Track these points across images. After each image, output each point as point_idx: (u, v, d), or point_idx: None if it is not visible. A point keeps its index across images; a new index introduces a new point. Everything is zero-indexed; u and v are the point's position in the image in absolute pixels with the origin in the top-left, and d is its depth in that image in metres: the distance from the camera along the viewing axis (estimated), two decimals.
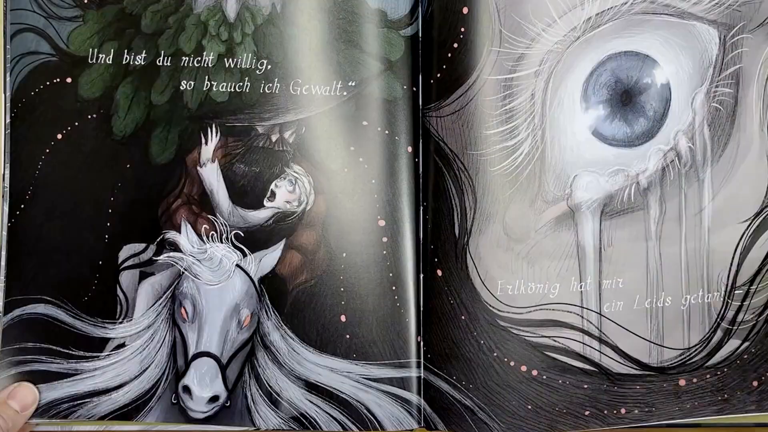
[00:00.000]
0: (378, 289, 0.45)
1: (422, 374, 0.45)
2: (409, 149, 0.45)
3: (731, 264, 0.44)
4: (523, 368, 0.44)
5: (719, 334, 0.45)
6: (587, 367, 0.44)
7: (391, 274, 0.45)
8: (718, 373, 0.45)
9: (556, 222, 0.44)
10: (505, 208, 0.44)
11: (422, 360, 0.45)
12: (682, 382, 0.44)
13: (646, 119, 0.44)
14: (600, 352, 0.44)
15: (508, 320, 0.44)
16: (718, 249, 0.44)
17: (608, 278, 0.44)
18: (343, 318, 0.45)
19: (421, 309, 0.45)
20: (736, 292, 0.45)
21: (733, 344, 0.45)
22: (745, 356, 0.45)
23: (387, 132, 0.45)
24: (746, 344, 0.45)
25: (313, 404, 0.45)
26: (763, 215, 0.44)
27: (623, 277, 0.44)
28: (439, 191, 0.44)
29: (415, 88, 0.45)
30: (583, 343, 0.44)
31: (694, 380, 0.45)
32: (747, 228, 0.44)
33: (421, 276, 0.45)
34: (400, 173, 0.45)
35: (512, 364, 0.44)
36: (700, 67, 0.44)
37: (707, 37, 0.43)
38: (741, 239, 0.44)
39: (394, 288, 0.45)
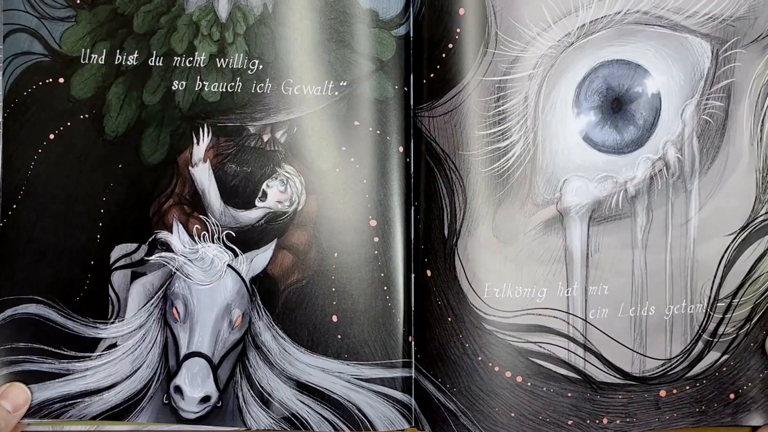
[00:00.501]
0: (369, 289, 0.45)
1: (413, 375, 0.45)
2: (401, 149, 0.45)
3: (715, 276, 0.44)
4: (508, 374, 0.44)
5: (700, 345, 0.45)
6: (571, 374, 0.44)
7: (382, 274, 0.45)
8: (697, 384, 0.45)
9: (544, 225, 0.44)
10: (495, 209, 0.43)
11: (413, 360, 0.45)
12: (662, 393, 0.44)
13: (635, 127, 0.44)
14: (584, 359, 0.44)
15: (494, 324, 0.44)
16: (702, 261, 0.44)
17: (594, 284, 0.44)
18: (334, 318, 0.45)
19: (412, 309, 0.45)
20: (718, 304, 0.45)
21: (713, 356, 0.45)
22: (724, 369, 0.45)
23: (378, 132, 0.45)
24: (725, 357, 0.45)
25: (305, 404, 0.45)
26: (749, 229, 0.44)
27: (609, 284, 0.44)
28: (430, 191, 0.44)
29: (406, 88, 0.45)
30: (568, 350, 0.44)
31: (674, 391, 0.45)
32: (732, 241, 0.44)
33: (413, 276, 0.45)
34: (391, 173, 0.45)
35: (497, 369, 0.43)
36: (691, 79, 0.44)
37: (700, 50, 0.43)
38: (726, 252, 0.44)
39: (385, 288, 0.45)
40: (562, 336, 0.44)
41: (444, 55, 0.43)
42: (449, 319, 0.43)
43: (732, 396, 0.45)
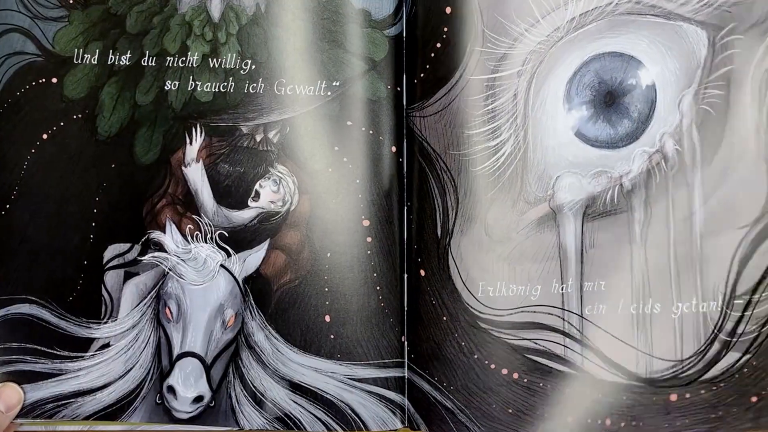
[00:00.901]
0: (362, 289, 0.45)
1: (406, 374, 0.45)
2: (393, 149, 0.45)
3: (729, 272, 0.43)
4: (504, 371, 0.43)
5: (717, 346, 0.43)
6: (569, 370, 0.43)
7: (375, 274, 0.45)
8: (714, 388, 0.43)
9: (537, 223, 0.44)
10: (487, 208, 0.43)
11: (406, 360, 0.45)
12: (673, 397, 0.43)
13: (630, 121, 0.43)
14: (582, 355, 0.43)
15: (488, 322, 0.43)
16: (712, 256, 0.43)
17: (590, 280, 0.43)
18: (327, 318, 0.45)
19: (405, 309, 0.45)
20: (735, 301, 0.43)
21: (732, 357, 0.43)
22: (745, 370, 0.43)
23: (371, 132, 0.45)
24: (747, 357, 0.43)
25: (298, 404, 0.45)
26: (765, 221, 0.43)
27: (606, 280, 0.43)
28: (422, 191, 0.44)
29: (399, 88, 0.45)
30: (565, 346, 0.43)
31: (687, 395, 0.43)
32: (746, 234, 0.42)
33: (405, 276, 0.45)
34: (384, 173, 0.45)
35: (493, 366, 0.43)
36: (687, 68, 0.43)
37: (695, 38, 0.43)
38: (739, 246, 0.42)
39: (378, 288, 0.45)
40: (557, 332, 0.43)
41: (433, 55, 0.43)
42: (444, 318, 0.43)
43: (754, 399, 0.43)
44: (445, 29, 0.43)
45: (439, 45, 0.43)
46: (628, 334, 0.43)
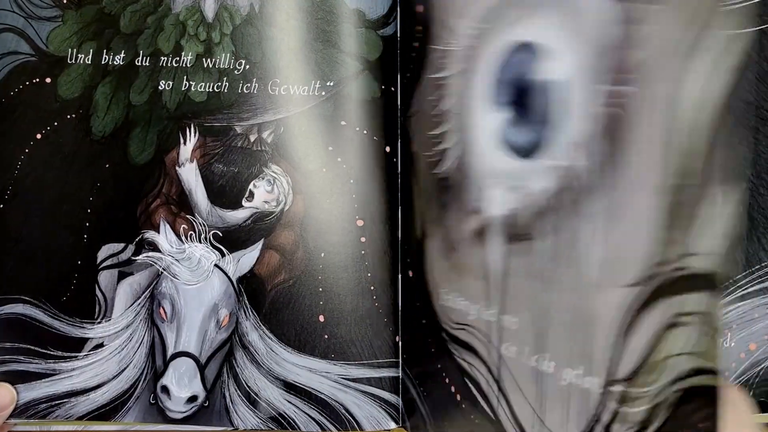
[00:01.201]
0: (356, 289, 0.45)
1: (400, 374, 0.45)
2: (388, 149, 0.45)
3: (608, 343, 0.33)
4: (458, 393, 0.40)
5: None
6: (488, 410, 0.38)
7: (369, 274, 0.45)
8: None
9: (475, 236, 0.38)
10: (443, 213, 0.40)
11: (400, 360, 0.45)
12: None
13: (541, 125, 0.34)
14: (497, 398, 0.38)
15: (445, 332, 0.41)
16: (601, 316, 0.32)
17: (507, 313, 0.37)
18: (321, 318, 0.45)
19: (399, 309, 0.45)
20: (612, 389, 0.33)
21: None
22: None
23: (365, 132, 0.45)
24: None
25: (292, 404, 0.45)
26: (655, 282, 0.31)
27: (518, 317, 0.36)
28: (411, 192, 0.44)
29: (393, 88, 0.45)
30: (487, 381, 0.38)
31: None
32: (631, 295, 0.32)
33: (399, 276, 0.45)
34: (378, 173, 0.45)
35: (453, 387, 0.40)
36: (600, 58, 0.32)
37: (608, 17, 0.32)
38: (622, 310, 0.32)
39: (372, 288, 0.45)
40: (483, 363, 0.38)
41: (414, 54, 0.42)
42: (423, 321, 0.43)
43: None
44: (419, 28, 0.41)
45: (416, 44, 0.41)
46: (529, 389, 0.36)
